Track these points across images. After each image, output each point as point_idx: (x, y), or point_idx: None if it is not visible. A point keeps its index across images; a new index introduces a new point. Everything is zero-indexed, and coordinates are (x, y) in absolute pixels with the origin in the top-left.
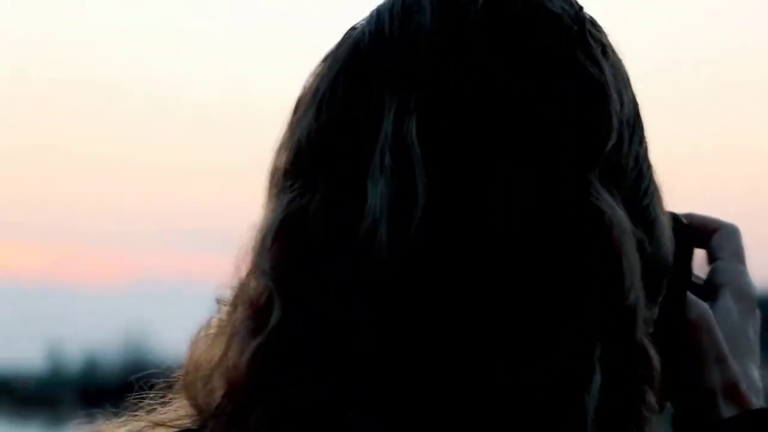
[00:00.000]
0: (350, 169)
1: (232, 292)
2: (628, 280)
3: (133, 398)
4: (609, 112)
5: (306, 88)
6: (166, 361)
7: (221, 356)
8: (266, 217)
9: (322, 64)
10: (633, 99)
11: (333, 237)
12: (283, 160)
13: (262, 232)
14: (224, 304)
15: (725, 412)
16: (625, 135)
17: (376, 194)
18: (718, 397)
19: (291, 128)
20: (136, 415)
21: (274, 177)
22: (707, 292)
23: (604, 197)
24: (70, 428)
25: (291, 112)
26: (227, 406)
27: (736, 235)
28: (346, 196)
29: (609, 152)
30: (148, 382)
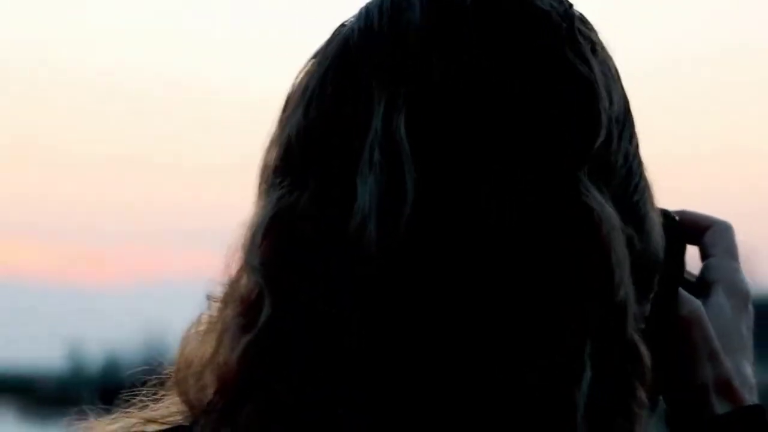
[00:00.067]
0: (339, 166)
1: (223, 289)
2: (618, 276)
3: (124, 395)
4: (598, 110)
5: (295, 85)
6: None
7: (212, 353)
8: (256, 214)
9: (311, 61)
10: (623, 96)
11: (322, 234)
12: (273, 157)
13: (252, 229)
14: (215, 301)
15: (718, 409)
16: (615, 132)
17: (366, 191)
18: (711, 394)
19: (281, 125)
20: (128, 412)
21: (264, 174)
22: (700, 289)
23: (594, 194)
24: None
25: (281, 109)
26: (218, 403)
27: (729, 232)
28: (336, 193)
29: (598, 149)
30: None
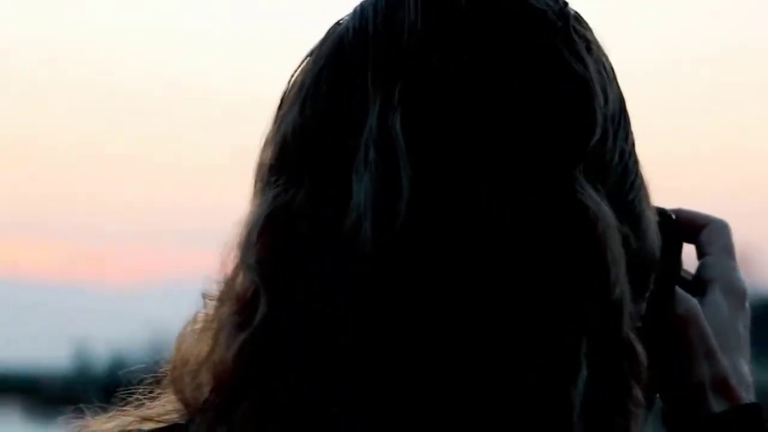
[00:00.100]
0: (335, 164)
1: (219, 288)
2: (614, 274)
3: (121, 393)
4: (593, 108)
5: (291, 83)
6: None
7: (208, 351)
8: (252, 212)
9: (306, 60)
10: (618, 94)
11: (318, 232)
12: (268, 156)
13: (247, 228)
14: (211, 299)
15: (715, 407)
16: (610, 131)
17: (361, 189)
18: (708, 392)
19: (276, 124)
20: (125, 410)
21: (260, 172)
22: (696, 287)
23: (589, 192)
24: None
25: (276, 108)
26: (214, 401)
27: (726, 231)
28: (331, 191)
29: (593, 148)
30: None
